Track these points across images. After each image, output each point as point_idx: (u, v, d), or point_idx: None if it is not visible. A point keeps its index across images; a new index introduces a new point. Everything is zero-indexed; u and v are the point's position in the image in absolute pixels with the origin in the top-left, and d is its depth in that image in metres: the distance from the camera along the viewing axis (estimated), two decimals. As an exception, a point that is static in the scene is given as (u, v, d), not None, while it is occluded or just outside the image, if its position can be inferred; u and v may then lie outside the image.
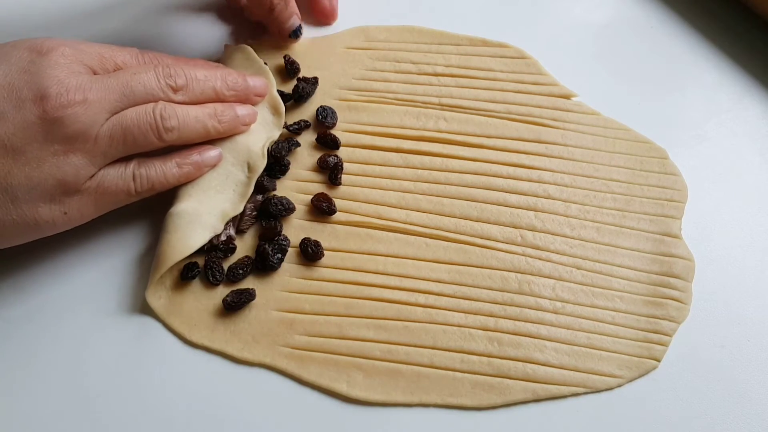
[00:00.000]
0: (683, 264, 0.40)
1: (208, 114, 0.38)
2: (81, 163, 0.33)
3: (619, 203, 0.42)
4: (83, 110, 0.33)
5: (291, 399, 0.35)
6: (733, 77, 0.49)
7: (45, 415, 0.34)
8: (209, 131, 0.38)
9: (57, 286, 0.38)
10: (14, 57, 0.33)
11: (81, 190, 0.34)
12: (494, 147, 0.44)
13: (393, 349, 0.36)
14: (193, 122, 0.37)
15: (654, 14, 0.53)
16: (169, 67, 0.37)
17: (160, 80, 0.36)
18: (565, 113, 0.46)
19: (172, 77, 0.37)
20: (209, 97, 0.39)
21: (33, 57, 0.33)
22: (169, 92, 0.36)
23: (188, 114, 0.37)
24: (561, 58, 0.49)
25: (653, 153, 0.45)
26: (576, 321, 0.38)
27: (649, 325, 0.38)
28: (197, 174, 0.38)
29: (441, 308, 0.38)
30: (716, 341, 0.38)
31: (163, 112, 0.36)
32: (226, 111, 0.39)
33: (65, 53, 0.34)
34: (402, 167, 0.43)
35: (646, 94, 0.48)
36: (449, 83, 0.46)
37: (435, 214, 0.41)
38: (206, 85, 0.38)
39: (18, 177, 0.32)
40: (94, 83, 0.33)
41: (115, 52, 0.36)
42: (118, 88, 0.34)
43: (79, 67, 0.34)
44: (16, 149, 0.32)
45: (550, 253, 0.40)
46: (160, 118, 0.35)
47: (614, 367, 0.37)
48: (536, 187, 0.42)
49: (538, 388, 0.36)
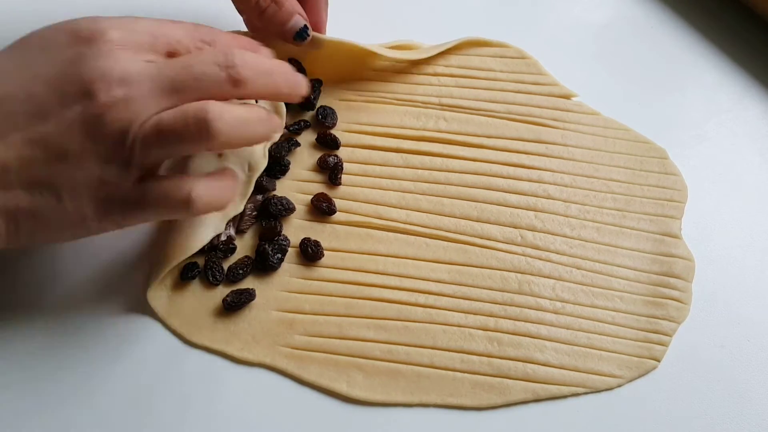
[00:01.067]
0: (683, 264, 0.40)
1: (259, 119, 0.32)
2: (121, 165, 0.30)
3: (619, 203, 0.42)
4: (125, 108, 0.29)
5: (291, 399, 0.35)
6: (733, 77, 0.49)
7: (44, 415, 0.34)
8: (258, 139, 0.33)
9: (57, 286, 0.38)
10: (57, 45, 0.30)
11: (125, 194, 0.31)
12: (494, 147, 0.44)
13: (393, 349, 0.36)
14: (241, 127, 0.31)
15: (654, 14, 0.53)
16: (233, 55, 0.31)
17: (220, 71, 0.31)
18: (565, 113, 0.46)
19: (235, 67, 0.31)
20: (268, 95, 0.34)
21: (77, 45, 0.30)
22: (229, 86, 0.31)
23: (238, 117, 0.31)
24: (561, 58, 0.49)
25: (653, 153, 0.45)
26: (576, 321, 0.38)
27: (649, 325, 0.38)
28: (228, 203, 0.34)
29: (441, 308, 0.38)
30: (716, 341, 0.38)
31: (206, 116, 0.30)
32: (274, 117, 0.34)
33: (112, 38, 0.30)
34: (402, 167, 0.43)
35: (646, 94, 0.48)
36: (449, 83, 0.46)
37: (435, 214, 0.41)
38: (269, 81, 0.33)
39: (62, 176, 0.30)
40: (141, 75, 0.30)
41: (167, 29, 0.32)
42: (168, 82, 0.30)
43: (126, 54, 0.30)
44: (59, 148, 0.29)
45: (550, 253, 0.40)
46: (204, 122, 0.30)
47: (614, 367, 0.37)
48: (536, 187, 0.42)
49: (538, 388, 0.36)
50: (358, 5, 0.50)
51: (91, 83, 0.29)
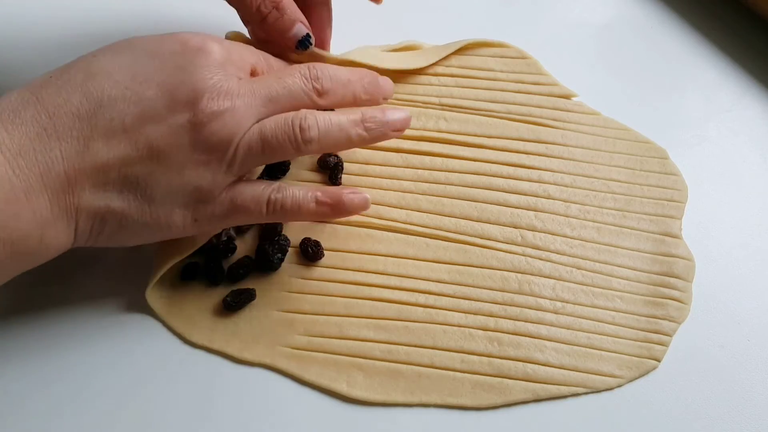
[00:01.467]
0: (683, 264, 0.40)
1: (353, 121, 0.35)
2: (219, 172, 0.32)
3: (620, 203, 0.42)
4: (230, 118, 0.31)
5: (291, 399, 0.35)
6: (733, 77, 0.49)
7: (44, 415, 0.34)
8: (353, 140, 0.36)
9: (56, 287, 0.38)
10: (167, 52, 0.31)
11: (215, 200, 0.33)
12: (494, 147, 0.44)
13: (393, 349, 0.36)
14: (336, 131, 0.35)
15: (654, 14, 0.53)
16: (315, 69, 0.35)
17: (306, 83, 0.34)
18: (565, 113, 0.46)
19: (319, 80, 0.34)
20: (349, 102, 0.37)
21: (187, 54, 0.31)
22: (314, 96, 0.34)
23: (331, 122, 0.34)
24: (561, 58, 0.49)
25: (653, 153, 0.45)
26: (576, 321, 0.38)
27: (649, 325, 0.38)
28: (333, 216, 0.37)
29: (441, 308, 0.38)
30: (716, 341, 0.38)
31: (303, 123, 0.33)
32: (375, 115, 0.36)
33: (214, 51, 0.32)
34: (402, 167, 0.43)
35: (646, 94, 0.48)
36: (449, 83, 0.46)
37: (435, 214, 0.41)
38: (348, 89, 0.36)
39: (159, 180, 0.31)
40: (242, 88, 0.32)
41: (249, 53, 0.35)
42: (263, 93, 0.33)
43: (228, 68, 0.32)
44: (162, 152, 0.30)
45: (550, 253, 0.40)
46: (299, 130, 0.33)
47: (614, 367, 0.37)
48: (536, 187, 0.42)
49: (538, 388, 0.36)
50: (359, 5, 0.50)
51: (201, 92, 0.31)
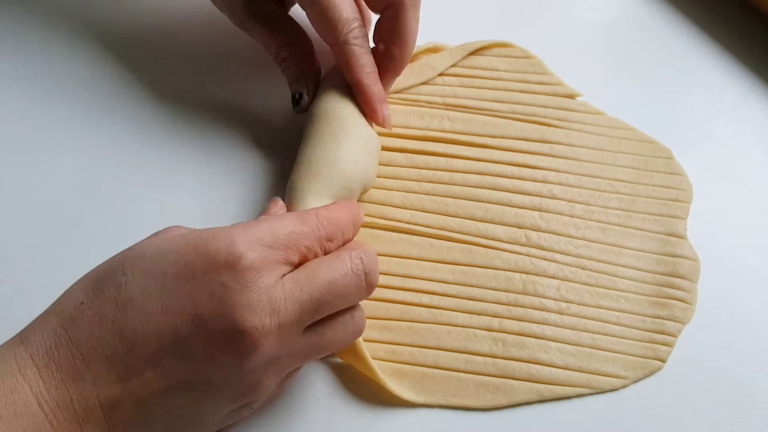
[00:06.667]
0: (688, 264, 0.40)
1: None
2: (272, 384, 0.30)
3: (624, 203, 0.42)
4: (277, 340, 0.28)
5: (292, 399, 0.35)
6: (738, 77, 0.49)
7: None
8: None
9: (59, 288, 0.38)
10: (195, 274, 0.28)
11: (265, 398, 0.32)
12: (499, 147, 0.44)
13: (397, 350, 0.36)
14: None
15: (659, 14, 0.53)
16: (362, 260, 0.31)
17: (360, 282, 0.31)
18: (570, 113, 0.46)
19: (370, 275, 0.31)
20: None
21: (217, 274, 0.28)
22: (363, 294, 0.31)
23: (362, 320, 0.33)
24: (566, 57, 0.49)
25: (658, 153, 0.45)
26: (581, 321, 0.38)
27: (654, 325, 0.38)
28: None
29: (445, 308, 0.38)
30: (722, 342, 0.38)
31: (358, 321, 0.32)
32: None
33: (255, 263, 0.28)
34: (406, 167, 0.43)
35: (651, 93, 0.48)
36: (453, 83, 0.46)
37: (439, 215, 0.41)
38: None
39: (206, 407, 0.29)
40: (288, 300, 0.28)
41: (298, 238, 0.30)
42: (311, 304, 0.29)
43: (268, 279, 0.28)
44: (204, 386, 0.28)
45: (554, 253, 0.40)
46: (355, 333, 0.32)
47: (619, 367, 0.37)
48: (541, 187, 0.42)
49: (542, 388, 0.36)
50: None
51: (242, 322, 0.27)
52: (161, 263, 0.28)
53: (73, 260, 0.32)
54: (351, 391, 0.36)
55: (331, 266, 0.30)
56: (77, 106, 0.45)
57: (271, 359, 0.29)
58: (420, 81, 0.46)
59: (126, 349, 0.27)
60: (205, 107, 0.45)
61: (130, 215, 0.40)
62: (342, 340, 0.32)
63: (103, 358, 0.27)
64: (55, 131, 0.44)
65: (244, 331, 0.27)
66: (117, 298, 0.28)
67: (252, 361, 0.28)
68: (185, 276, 0.28)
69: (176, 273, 0.28)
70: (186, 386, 0.28)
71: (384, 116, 0.40)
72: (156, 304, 0.28)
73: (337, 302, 0.30)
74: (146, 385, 0.28)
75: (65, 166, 0.42)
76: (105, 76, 0.46)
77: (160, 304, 0.28)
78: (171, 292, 0.28)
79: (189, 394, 0.28)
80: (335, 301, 0.30)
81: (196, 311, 0.27)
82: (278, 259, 0.29)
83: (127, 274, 0.28)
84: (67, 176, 0.42)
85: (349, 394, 0.35)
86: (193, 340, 0.27)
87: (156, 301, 0.28)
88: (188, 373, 0.28)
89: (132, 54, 0.47)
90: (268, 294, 0.28)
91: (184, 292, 0.28)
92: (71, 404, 0.27)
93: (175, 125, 0.44)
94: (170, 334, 0.27)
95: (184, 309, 0.28)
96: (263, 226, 0.30)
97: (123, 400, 0.27)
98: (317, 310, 0.30)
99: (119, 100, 0.45)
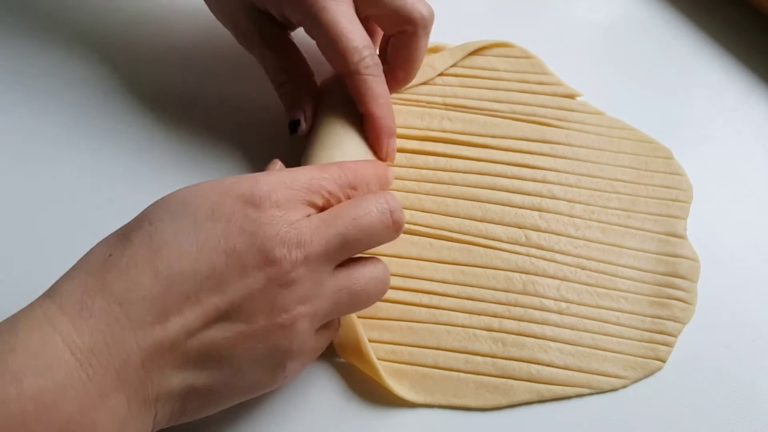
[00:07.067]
0: (688, 264, 0.40)
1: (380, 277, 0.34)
2: (307, 328, 0.30)
3: (624, 203, 0.42)
4: (306, 272, 0.29)
5: (293, 399, 0.35)
6: (738, 77, 0.49)
7: None
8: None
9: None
10: (226, 213, 0.29)
11: (303, 353, 0.31)
12: (498, 147, 0.44)
13: (397, 350, 0.36)
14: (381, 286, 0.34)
15: (659, 14, 0.53)
16: (386, 199, 0.32)
17: (385, 218, 0.32)
18: (570, 113, 0.46)
19: (396, 212, 0.32)
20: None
21: (246, 210, 0.29)
22: (390, 232, 0.32)
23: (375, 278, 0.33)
24: (565, 57, 0.49)
25: (658, 153, 0.45)
26: (580, 321, 0.38)
27: (654, 325, 0.38)
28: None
29: (445, 308, 0.38)
30: (721, 342, 0.38)
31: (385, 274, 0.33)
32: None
33: (279, 201, 0.29)
34: (406, 167, 0.43)
35: (651, 93, 0.48)
36: (453, 83, 0.46)
37: (439, 214, 0.41)
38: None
39: (243, 350, 0.29)
40: (314, 235, 0.30)
41: (320, 182, 0.31)
42: (337, 238, 0.30)
43: (295, 215, 0.30)
44: (239, 321, 0.28)
45: (554, 253, 0.40)
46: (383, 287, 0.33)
47: (619, 367, 0.37)
48: (541, 187, 0.42)
49: (542, 388, 0.36)
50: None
51: (271, 251, 0.29)
52: (189, 208, 0.29)
53: (74, 260, 0.32)
54: (350, 390, 0.36)
55: (355, 205, 0.31)
56: (77, 106, 0.45)
57: (303, 295, 0.29)
58: (420, 81, 0.46)
59: (163, 288, 0.27)
60: (206, 108, 0.45)
61: (129, 215, 0.40)
62: (370, 294, 0.32)
63: (140, 299, 0.27)
64: (55, 131, 0.44)
65: (274, 260, 0.28)
66: (150, 243, 0.28)
67: (283, 295, 0.29)
68: (215, 216, 0.29)
69: (206, 214, 0.29)
70: (222, 324, 0.28)
71: (389, 151, 0.39)
72: (190, 243, 0.28)
73: (364, 239, 0.31)
74: (185, 325, 0.27)
75: (65, 166, 0.42)
76: (105, 77, 0.46)
77: (194, 242, 0.28)
78: (203, 231, 0.28)
79: (225, 335, 0.28)
80: (362, 237, 0.31)
81: (229, 246, 0.28)
82: (301, 199, 0.30)
83: (154, 222, 0.29)
84: (67, 176, 0.42)
85: (348, 394, 0.35)
86: (229, 273, 0.28)
87: (189, 241, 0.28)
88: (225, 309, 0.28)
89: (133, 55, 0.47)
90: (295, 228, 0.29)
91: (216, 230, 0.28)
92: (107, 350, 0.26)
93: (175, 126, 0.44)
94: (206, 269, 0.28)
95: (218, 245, 0.28)
96: (284, 173, 0.31)
97: (160, 343, 0.27)
98: (344, 245, 0.30)
99: (119, 101, 0.45)
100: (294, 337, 0.30)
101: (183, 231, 0.28)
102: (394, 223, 0.32)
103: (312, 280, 0.30)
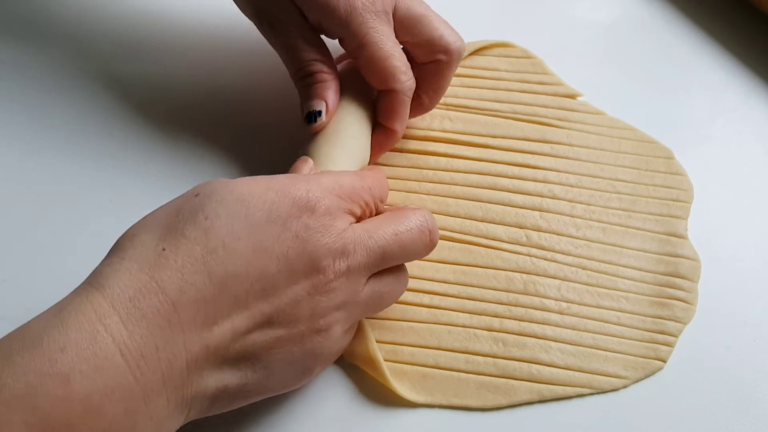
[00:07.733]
0: (689, 264, 0.40)
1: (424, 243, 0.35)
2: (340, 334, 0.31)
3: (625, 203, 0.42)
4: (346, 281, 0.30)
5: (293, 398, 0.35)
6: (739, 77, 0.49)
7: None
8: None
9: (59, 287, 0.38)
10: (281, 215, 0.29)
11: (331, 355, 0.33)
12: (499, 147, 0.44)
13: (397, 350, 0.36)
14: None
15: (659, 14, 0.53)
16: (425, 218, 0.33)
17: (425, 237, 0.33)
18: (571, 113, 0.46)
19: (434, 232, 0.33)
20: None
21: (300, 215, 0.29)
22: (427, 250, 0.33)
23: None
24: (566, 57, 0.49)
25: (659, 153, 0.45)
26: (581, 321, 0.38)
27: (654, 325, 0.38)
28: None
29: (446, 308, 0.38)
30: (722, 342, 0.38)
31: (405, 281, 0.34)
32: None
33: (330, 209, 0.30)
34: (406, 167, 0.43)
35: (651, 93, 0.48)
36: (454, 83, 0.46)
37: (440, 214, 0.41)
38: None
39: (279, 353, 0.29)
40: (357, 245, 0.30)
41: (358, 193, 0.32)
42: (380, 252, 0.31)
43: (341, 224, 0.30)
44: (281, 326, 0.29)
45: (555, 253, 0.40)
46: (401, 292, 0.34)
47: (620, 367, 0.37)
48: (541, 187, 0.42)
49: (543, 388, 0.36)
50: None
51: (319, 260, 0.29)
52: (247, 208, 0.29)
53: (74, 260, 0.32)
54: (351, 390, 0.36)
55: (396, 220, 0.32)
56: (77, 106, 0.45)
57: (340, 302, 0.30)
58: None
59: (216, 291, 0.27)
60: (206, 108, 0.45)
61: (130, 215, 0.40)
62: (393, 297, 0.34)
63: (192, 302, 0.26)
64: (54, 131, 0.44)
65: (320, 268, 0.29)
66: (205, 241, 0.27)
67: (323, 302, 0.29)
68: (272, 218, 0.29)
69: (263, 215, 0.29)
70: (265, 328, 0.28)
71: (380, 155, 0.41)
72: (245, 245, 0.28)
73: (401, 254, 0.32)
74: (231, 329, 0.27)
75: (65, 166, 0.42)
76: (106, 77, 0.46)
77: (250, 245, 0.28)
78: (260, 233, 0.28)
79: (264, 338, 0.28)
80: (400, 252, 0.32)
81: (282, 251, 0.28)
82: (345, 209, 0.31)
83: (210, 217, 0.28)
84: (67, 176, 0.42)
85: (349, 394, 0.35)
86: (279, 279, 0.28)
87: (245, 243, 0.28)
88: (270, 315, 0.28)
89: (134, 55, 0.47)
90: (341, 237, 0.30)
91: (272, 233, 0.28)
92: (156, 353, 0.25)
93: (176, 126, 0.44)
94: (258, 273, 0.28)
95: (273, 249, 0.28)
96: (330, 178, 0.32)
97: (206, 346, 0.27)
98: (383, 259, 0.31)
99: (120, 101, 0.45)
100: (327, 341, 0.30)
101: (239, 232, 0.28)
102: (431, 241, 0.33)
103: (350, 289, 0.30)
